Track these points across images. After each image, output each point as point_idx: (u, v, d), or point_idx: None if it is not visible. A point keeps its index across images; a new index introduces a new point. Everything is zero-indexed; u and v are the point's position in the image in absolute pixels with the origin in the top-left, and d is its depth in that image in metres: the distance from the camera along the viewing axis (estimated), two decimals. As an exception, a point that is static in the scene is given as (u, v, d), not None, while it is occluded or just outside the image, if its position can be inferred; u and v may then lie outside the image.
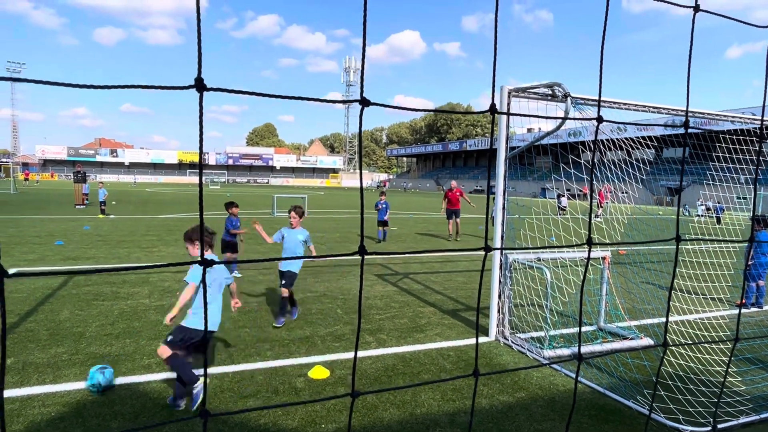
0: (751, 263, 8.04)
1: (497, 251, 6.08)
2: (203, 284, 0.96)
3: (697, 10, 1.16)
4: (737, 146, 8.41)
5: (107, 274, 8.78)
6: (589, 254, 1.31)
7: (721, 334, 6.54)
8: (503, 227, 6.16)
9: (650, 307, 7.86)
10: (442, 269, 10.84)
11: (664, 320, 7.09)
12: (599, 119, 1.25)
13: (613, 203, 8.59)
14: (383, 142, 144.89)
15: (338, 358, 5.35)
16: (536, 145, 6.51)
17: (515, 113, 1.42)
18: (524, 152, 6.48)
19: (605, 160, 7.14)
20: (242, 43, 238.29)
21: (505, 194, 6.16)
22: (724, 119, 6.81)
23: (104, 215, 20.19)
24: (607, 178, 7.00)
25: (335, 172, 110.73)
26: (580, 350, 1.34)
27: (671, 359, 5.51)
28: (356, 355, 0.90)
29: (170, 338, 4.05)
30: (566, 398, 4.52)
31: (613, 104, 6.17)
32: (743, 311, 7.84)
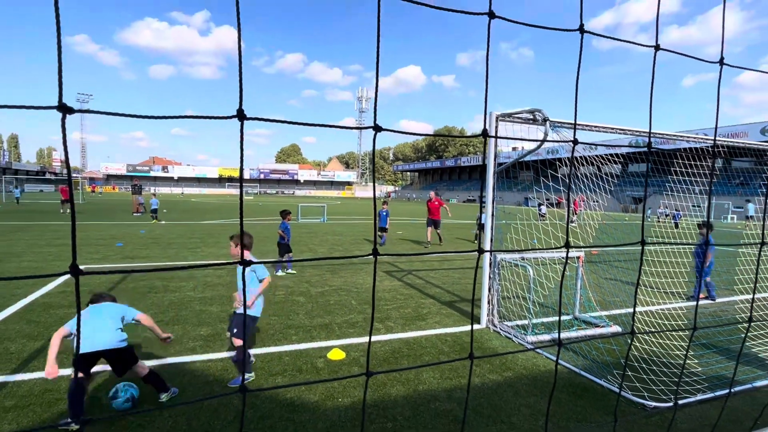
0: (704, 261, 7.96)
1: (488, 245, 6.04)
2: (243, 280, 0.97)
3: (657, 49, 1.15)
4: (692, 162, 8.34)
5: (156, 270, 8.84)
6: (567, 256, 1.30)
7: (680, 322, 6.44)
8: (492, 231, 6.13)
9: (618, 299, 7.77)
10: (440, 267, 10.79)
11: (630, 310, 7.00)
12: (575, 141, 1.25)
13: (585, 211, 8.52)
14: (390, 159, 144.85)
15: (352, 342, 5.34)
16: (520, 161, 6.48)
17: (503, 137, 1.42)
18: (510, 168, 6.46)
19: (579, 174, 7.09)
20: (272, 77, 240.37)
21: (494, 203, 6.13)
22: (680, 139, 6.74)
23: (156, 221, 20.33)
24: (580, 189, 6.95)
25: (350, 184, 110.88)
26: (560, 338, 1.32)
27: (637, 344, 5.43)
28: (370, 341, 0.90)
29: (236, 330, 4.14)
30: (547, 377, 4.47)
31: (585, 126, 6.13)
32: (700, 303, 7.73)
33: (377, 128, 0.98)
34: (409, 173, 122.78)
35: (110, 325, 3.63)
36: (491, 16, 0.99)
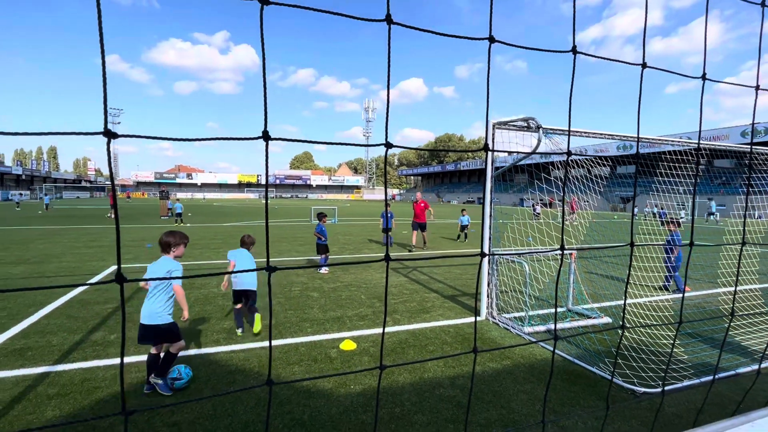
0: (672, 256, 7.93)
1: (487, 248, 6.03)
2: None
3: (644, 66, 1.15)
4: (676, 164, 8.27)
5: (184, 268, 8.91)
6: (562, 256, 1.30)
7: (666, 314, 6.37)
8: (491, 229, 6.11)
9: (608, 292, 7.71)
10: (443, 264, 10.77)
11: (619, 303, 6.94)
12: (568, 153, 1.25)
13: (578, 210, 8.46)
14: (395, 164, 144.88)
15: (363, 333, 5.35)
16: (516, 165, 6.46)
17: (502, 150, 1.42)
18: (506, 171, 6.44)
19: (570, 176, 7.05)
20: (286, 90, 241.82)
21: (491, 204, 6.11)
22: (665, 142, 6.68)
23: (182, 223, 20.47)
24: (572, 190, 6.91)
25: (358, 188, 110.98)
26: (555, 330, 1.32)
27: (628, 334, 5.39)
28: (383, 335, 0.91)
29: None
30: (543, 365, 4.45)
31: (576, 133, 6.10)
32: (685, 295, 7.65)
33: (388, 145, 0.99)
34: (412, 177, 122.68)
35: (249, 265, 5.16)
36: (491, 40, 0.99)
